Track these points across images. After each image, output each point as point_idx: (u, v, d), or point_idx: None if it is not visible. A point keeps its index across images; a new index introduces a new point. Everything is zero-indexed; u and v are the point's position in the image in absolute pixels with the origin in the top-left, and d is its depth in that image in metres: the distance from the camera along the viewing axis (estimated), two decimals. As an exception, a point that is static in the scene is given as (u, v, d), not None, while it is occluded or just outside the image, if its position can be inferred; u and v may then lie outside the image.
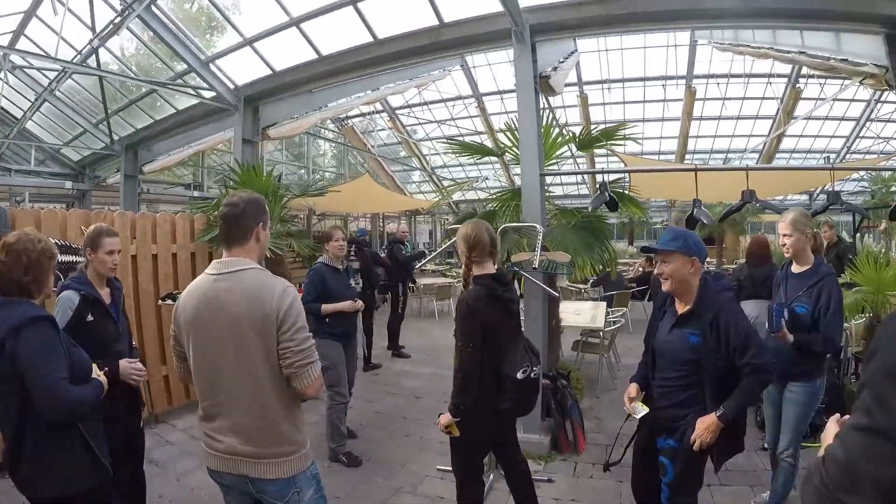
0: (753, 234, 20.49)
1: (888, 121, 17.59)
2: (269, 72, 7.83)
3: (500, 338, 3.30)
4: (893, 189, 17.14)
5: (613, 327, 8.01)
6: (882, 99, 16.39)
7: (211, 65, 7.89)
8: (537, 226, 5.15)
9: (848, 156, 19.09)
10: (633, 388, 3.32)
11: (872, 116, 17.72)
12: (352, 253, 8.42)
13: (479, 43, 6.20)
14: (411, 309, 10.73)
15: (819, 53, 7.34)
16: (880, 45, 5.94)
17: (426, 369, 8.69)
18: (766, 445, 4.39)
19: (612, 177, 6.18)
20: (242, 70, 8.01)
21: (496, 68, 16.70)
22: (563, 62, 6.23)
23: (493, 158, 20.16)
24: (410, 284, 10.30)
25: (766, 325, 3.76)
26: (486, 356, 3.26)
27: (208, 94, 8.14)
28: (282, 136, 8.79)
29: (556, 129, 6.19)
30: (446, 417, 3.31)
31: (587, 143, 6.33)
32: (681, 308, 3.11)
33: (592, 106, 17.59)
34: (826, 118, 17.81)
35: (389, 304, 9.98)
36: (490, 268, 3.41)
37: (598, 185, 5.72)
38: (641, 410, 3.22)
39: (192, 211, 7.65)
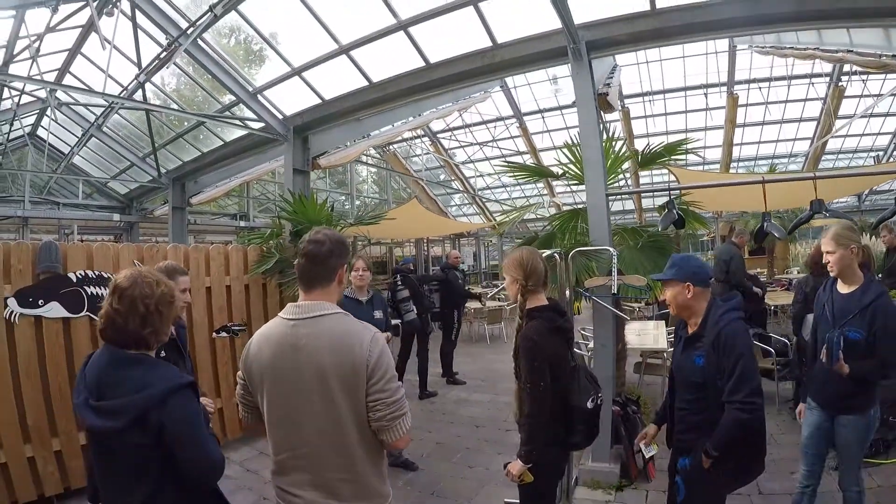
0: (802, 241, 20.13)
1: None
2: (317, 101, 7.78)
3: (565, 369, 3.15)
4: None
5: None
6: None
7: (259, 96, 7.91)
8: (610, 249, 5.00)
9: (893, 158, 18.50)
10: (651, 429, 3.51)
11: None
12: (399, 283, 8.37)
13: (534, 63, 6.07)
14: (462, 333, 10.51)
15: (868, 51, 7.19)
16: None
17: (483, 396, 8.50)
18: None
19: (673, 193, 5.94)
20: (290, 100, 8.00)
21: (536, 88, 16.70)
22: (611, 77, 6.10)
23: (537, 180, 20.34)
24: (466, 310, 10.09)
25: (822, 357, 3.39)
26: (554, 391, 3.08)
27: (257, 125, 8.13)
28: (332, 166, 8.77)
29: (618, 144, 6.03)
30: (518, 466, 3.05)
31: (650, 159, 6.16)
32: (690, 330, 3.12)
33: (634, 119, 17.34)
34: (871, 115, 17.21)
35: (442, 331, 9.81)
36: (543, 298, 3.24)
37: (665, 204, 5.55)
38: (650, 451, 3.52)
39: (244, 242, 7.62)
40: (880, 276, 8.86)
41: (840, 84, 15.59)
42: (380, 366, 2.14)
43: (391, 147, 18.86)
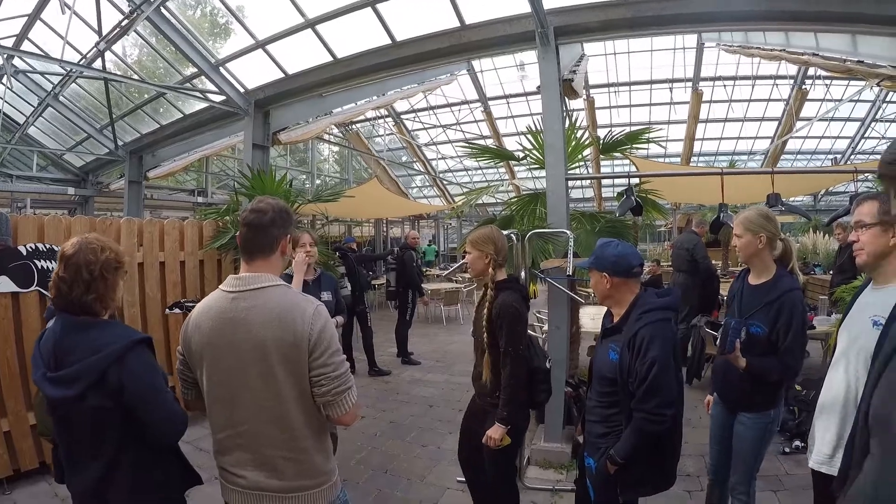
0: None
1: (893, 121, 17.69)
2: (281, 75, 7.62)
3: (528, 336, 3.41)
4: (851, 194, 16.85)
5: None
6: (887, 99, 16.49)
7: (221, 68, 7.73)
8: (567, 231, 5.02)
9: (853, 156, 19.17)
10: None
11: (877, 117, 17.85)
12: (339, 260, 8.44)
13: (501, 46, 6.05)
14: (417, 314, 10.55)
15: (833, 55, 7.33)
16: None
17: (438, 376, 8.52)
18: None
19: (632, 181, 6.02)
20: (253, 73, 7.83)
21: (502, 73, 16.78)
22: (578, 65, 6.11)
23: (498, 164, 20.42)
24: (425, 291, 10.05)
25: (717, 343, 3.14)
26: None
27: (218, 98, 7.95)
28: (292, 141, 8.63)
29: (580, 132, 6.06)
30: (500, 430, 3.22)
31: (612, 146, 6.20)
32: (611, 321, 2.95)
33: (599, 109, 17.50)
34: (832, 119, 17.81)
35: (397, 311, 9.84)
36: (504, 274, 3.47)
37: (624, 190, 5.59)
38: None
39: (200, 217, 7.46)
40: (831, 272, 9.13)
41: (804, 87, 16.07)
42: (322, 339, 2.07)
43: (354, 126, 18.76)
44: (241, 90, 7.83)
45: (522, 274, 5.06)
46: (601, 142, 6.19)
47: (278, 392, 2.06)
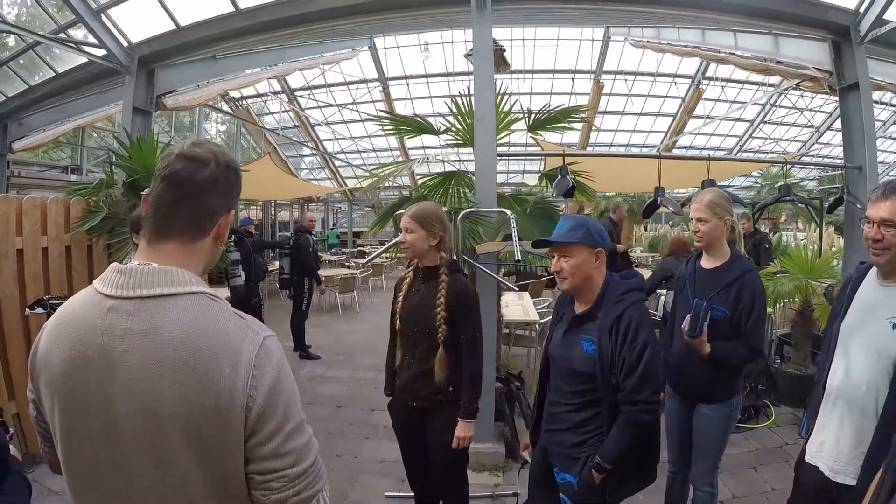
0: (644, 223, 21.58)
1: (780, 123, 18.89)
2: (171, 27, 6.61)
3: None
4: (778, 185, 18.06)
5: (547, 319, 7.56)
6: (776, 104, 17.56)
7: (103, 15, 6.51)
8: (507, 212, 4.61)
9: (740, 153, 20.25)
10: (528, 438, 2.95)
11: (766, 119, 19.07)
12: (231, 244, 7.74)
13: (432, 6, 5.58)
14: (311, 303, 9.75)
15: (753, 54, 7.43)
16: (826, 50, 6.27)
17: (342, 372, 7.83)
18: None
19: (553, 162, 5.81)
20: (139, 24, 6.72)
21: (404, 52, 16.36)
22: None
23: (395, 148, 19.92)
24: (320, 278, 9.25)
25: (684, 326, 2.99)
26: None
27: (99, 53, 6.75)
28: (180, 107, 7.66)
29: (509, 103, 5.65)
30: (469, 427, 2.97)
31: (542, 123, 5.80)
32: (579, 308, 2.59)
33: (498, 95, 17.36)
34: (723, 118, 18.64)
35: (292, 301, 8.91)
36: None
37: (559, 170, 5.35)
38: None
39: (68, 195, 6.17)
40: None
41: (700, 87, 16.75)
42: (273, 407, 1.18)
43: (245, 102, 17.73)
44: (125, 44, 6.71)
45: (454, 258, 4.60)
46: (533, 117, 5.77)
47: (183, 493, 1.18)
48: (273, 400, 1.18)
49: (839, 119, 6.60)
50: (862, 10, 5.83)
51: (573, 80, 17.66)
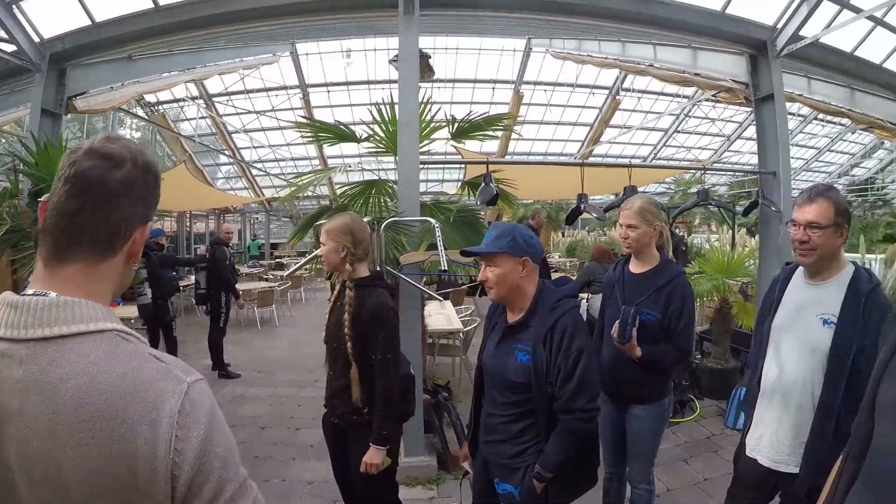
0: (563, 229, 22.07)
1: (692, 132, 19.78)
2: (87, 22, 6.14)
3: None
4: (691, 191, 19.40)
5: (471, 327, 7.57)
6: (690, 114, 18.32)
7: (15, 7, 5.91)
8: (431, 220, 4.49)
9: (654, 162, 21.16)
10: (466, 449, 2.89)
11: (679, 128, 19.96)
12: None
13: (359, 9, 5.44)
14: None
15: (672, 66, 7.70)
16: (743, 63, 6.58)
17: (263, 390, 7.45)
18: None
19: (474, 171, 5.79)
20: (51, 18, 6.21)
21: (326, 59, 16.06)
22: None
23: (314, 156, 19.49)
24: (238, 292, 8.78)
25: (613, 332, 3.03)
26: None
27: (9, 49, 6.09)
28: (92, 110, 7.16)
29: (433, 110, 5.58)
30: (379, 454, 2.79)
31: (466, 131, 5.73)
32: (512, 317, 2.54)
33: (422, 102, 17.40)
34: (639, 128, 19.26)
35: (209, 317, 8.40)
36: (366, 269, 3.01)
37: (483, 177, 5.32)
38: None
39: None
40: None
41: (618, 97, 17.37)
42: (206, 471, 0.95)
43: (161, 107, 16.92)
44: (37, 39, 6.15)
45: (378, 269, 4.44)
46: (457, 124, 5.70)
47: None
48: (205, 463, 0.94)
49: (749, 128, 6.92)
50: (779, 26, 6.21)
51: (493, 89, 17.88)
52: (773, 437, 2.49)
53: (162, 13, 5.77)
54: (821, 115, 12.42)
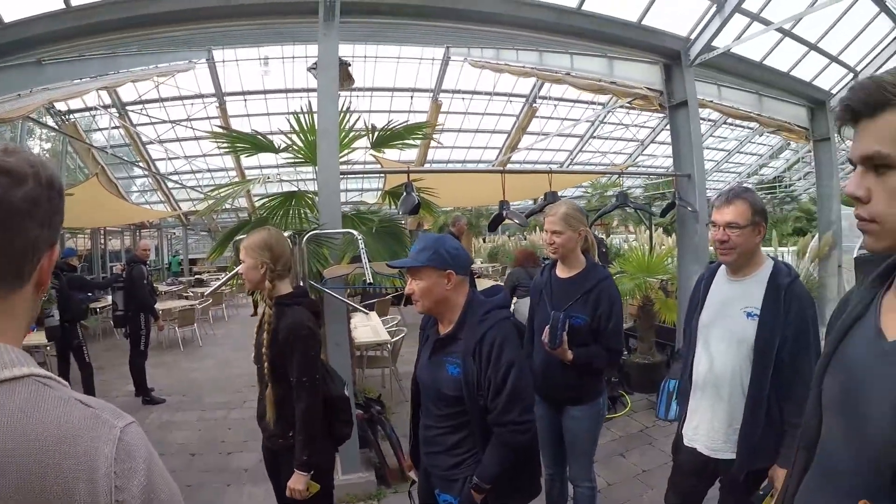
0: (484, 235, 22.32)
1: (607, 138, 20.46)
2: None
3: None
4: (608, 194, 20.39)
5: (398, 337, 7.50)
6: (605, 120, 18.92)
7: None
8: (353, 232, 4.38)
9: (571, 166, 21.69)
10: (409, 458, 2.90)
11: (594, 134, 20.51)
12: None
13: (280, 14, 5.25)
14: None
15: (589, 75, 7.91)
16: (657, 72, 6.85)
17: (190, 415, 7.09)
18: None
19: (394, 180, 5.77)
20: None
21: (243, 67, 15.62)
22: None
23: (230, 168, 18.90)
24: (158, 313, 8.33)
25: (544, 338, 3.05)
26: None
27: None
28: (-2, 119, 6.68)
29: (352, 118, 5.48)
30: (301, 479, 2.68)
31: (386, 140, 5.66)
32: (443, 330, 2.51)
33: (342, 111, 17.22)
34: (556, 134, 19.68)
35: (129, 340, 7.91)
36: (288, 286, 2.91)
37: (404, 187, 5.26)
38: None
39: None
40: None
41: (535, 105, 17.79)
42: None
43: (72, 116, 15.82)
44: None
45: (301, 284, 4.31)
46: (377, 133, 5.62)
47: None
48: None
49: (661, 133, 7.16)
50: (693, 37, 6.53)
51: (412, 97, 17.86)
52: (709, 427, 2.61)
53: (73, 14, 5.38)
54: (730, 120, 13.04)
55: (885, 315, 1.09)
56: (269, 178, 6.07)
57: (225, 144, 5.93)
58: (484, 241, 22.91)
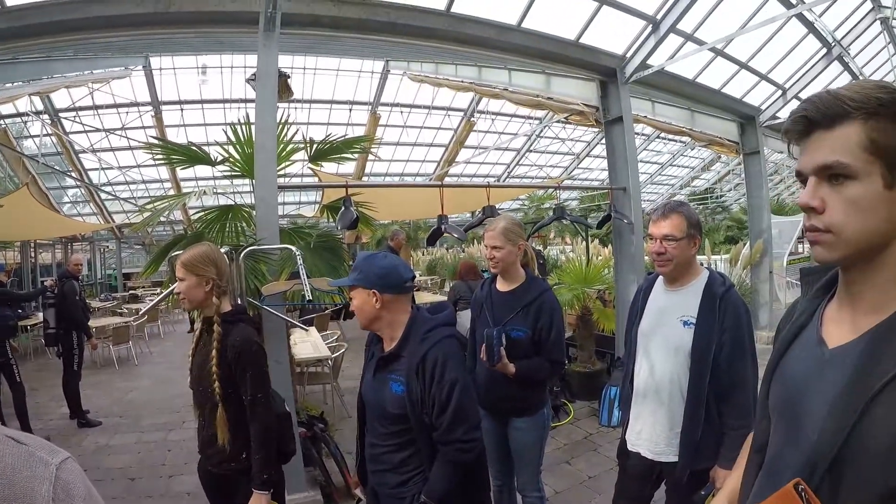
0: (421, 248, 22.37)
1: (543, 151, 20.88)
2: None
3: None
4: (545, 206, 21.12)
5: (339, 353, 7.41)
6: (541, 134, 19.41)
7: None
8: (292, 248, 4.26)
9: (507, 179, 22.24)
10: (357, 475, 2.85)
11: (531, 148, 20.98)
12: None
13: (218, 23, 5.13)
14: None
15: (526, 90, 8.06)
16: (593, 89, 7.08)
17: (128, 437, 6.72)
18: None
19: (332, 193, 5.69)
20: None
21: (181, 75, 15.11)
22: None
23: (166, 179, 18.28)
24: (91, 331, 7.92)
25: (481, 355, 3.10)
26: None
27: None
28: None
29: (290, 131, 5.39)
30: (261, 499, 2.61)
31: (324, 153, 5.56)
32: (387, 347, 2.49)
33: (281, 123, 16.94)
34: (493, 148, 19.98)
35: (62, 360, 7.51)
36: (229, 303, 2.81)
37: (342, 202, 5.20)
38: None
39: None
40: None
41: (472, 119, 18.13)
42: None
43: (2, 122, 14.82)
44: None
45: (239, 301, 4.18)
46: (315, 146, 5.53)
47: None
48: None
49: (597, 147, 7.37)
50: (628, 55, 6.78)
51: (351, 110, 17.77)
52: (651, 431, 2.68)
53: (7, 16, 5.10)
54: (664, 134, 13.53)
55: (827, 324, 1.13)
56: (205, 191, 5.86)
57: (160, 155, 5.72)
58: (423, 254, 22.95)
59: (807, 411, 1.07)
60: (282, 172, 5.51)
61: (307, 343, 7.60)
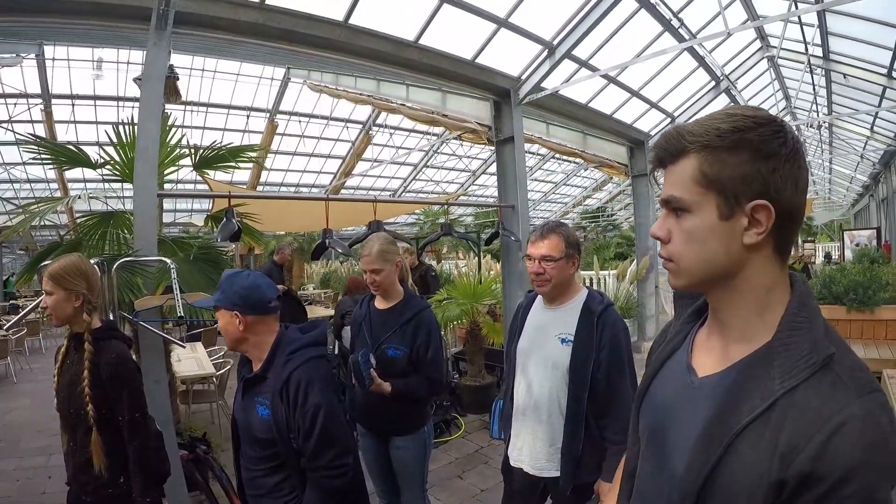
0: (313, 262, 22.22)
1: (440, 167, 21.22)
2: None
3: None
4: (439, 221, 20.61)
5: (225, 369, 7.12)
6: (438, 150, 19.91)
7: None
8: (166, 260, 4.06)
9: (404, 194, 22.51)
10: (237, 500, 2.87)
11: (428, 163, 21.30)
12: None
13: (110, 17, 4.71)
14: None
15: (422, 107, 8.16)
16: (487, 108, 7.26)
17: (6, 463, 6.12)
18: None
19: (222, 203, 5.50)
20: None
21: (76, 67, 14.00)
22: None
23: (53, 179, 16.95)
24: None
25: (353, 380, 3.06)
26: None
27: None
28: None
29: (175, 135, 5.16)
30: None
31: (209, 161, 5.37)
32: (253, 369, 2.44)
33: (168, 127, 16.15)
34: (390, 162, 20.07)
35: None
36: (98, 319, 2.64)
37: (224, 212, 4.97)
38: None
39: None
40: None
41: (370, 132, 18.20)
42: None
43: None
44: None
45: (111, 316, 3.90)
46: (199, 154, 5.31)
47: None
48: None
49: (492, 165, 7.55)
50: (523, 77, 7.01)
51: (248, 116, 17.31)
52: (532, 448, 2.71)
53: None
54: (558, 154, 14.05)
55: (696, 351, 1.17)
56: (93, 194, 5.48)
57: (45, 154, 5.30)
58: (317, 267, 22.59)
59: (674, 441, 1.09)
60: (171, 176, 5.29)
61: (192, 359, 7.29)
